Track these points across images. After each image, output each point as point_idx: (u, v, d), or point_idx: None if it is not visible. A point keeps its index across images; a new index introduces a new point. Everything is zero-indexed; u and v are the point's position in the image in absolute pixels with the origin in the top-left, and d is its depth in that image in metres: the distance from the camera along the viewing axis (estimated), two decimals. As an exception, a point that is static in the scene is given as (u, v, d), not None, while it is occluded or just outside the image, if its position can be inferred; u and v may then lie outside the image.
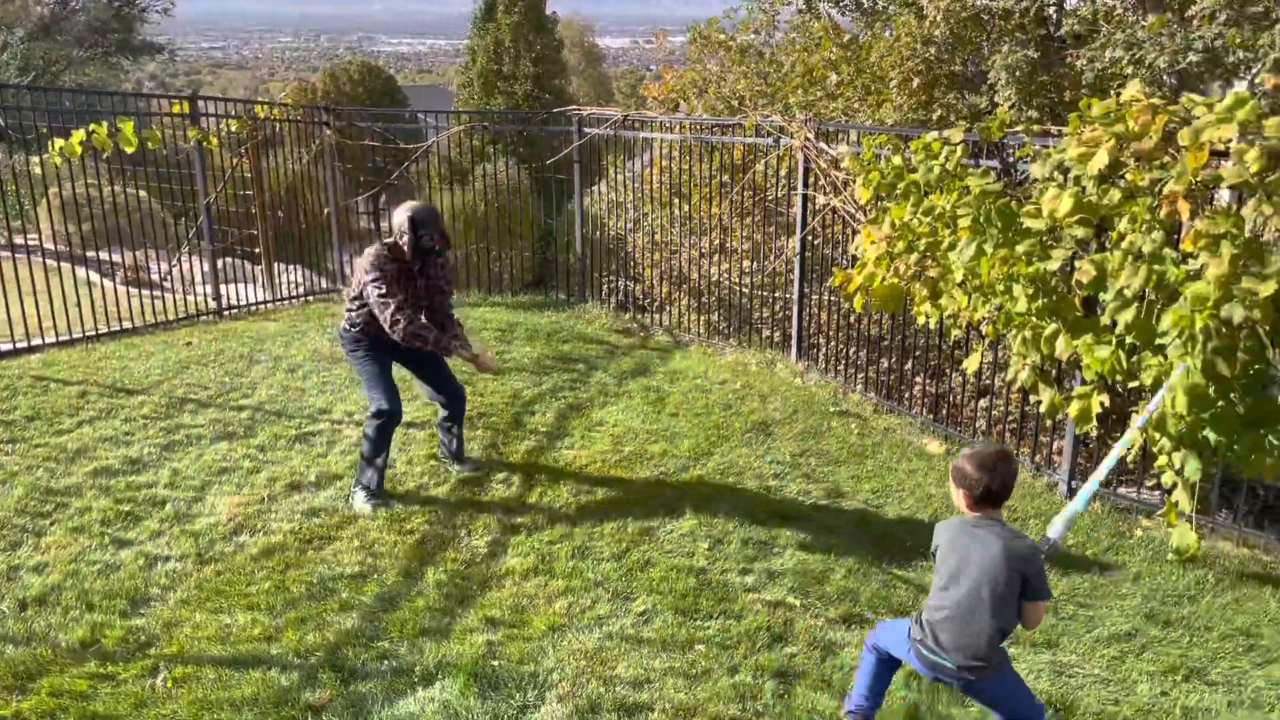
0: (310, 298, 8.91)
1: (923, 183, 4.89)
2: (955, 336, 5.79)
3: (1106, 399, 4.30)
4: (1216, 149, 3.76)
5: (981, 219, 4.41)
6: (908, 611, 3.70)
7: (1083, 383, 4.48)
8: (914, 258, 4.99)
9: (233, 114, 8.51)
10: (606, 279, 8.87)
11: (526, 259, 10.33)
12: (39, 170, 10.34)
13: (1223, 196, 4.25)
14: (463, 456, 5.20)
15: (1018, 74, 7.89)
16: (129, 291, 8.20)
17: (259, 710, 3.25)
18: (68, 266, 8.49)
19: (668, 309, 8.60)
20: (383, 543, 4.42)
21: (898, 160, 5.15)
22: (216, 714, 3.23)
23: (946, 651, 2.88)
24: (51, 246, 10.15)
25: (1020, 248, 4.31)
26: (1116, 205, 3.97)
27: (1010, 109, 7.82)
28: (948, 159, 4.82)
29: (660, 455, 5.44)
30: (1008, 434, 5.93)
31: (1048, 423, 5.37)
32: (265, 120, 8.73)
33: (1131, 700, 3.45)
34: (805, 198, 6.80)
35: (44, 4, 27.02)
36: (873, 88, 9.16)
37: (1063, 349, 4.31)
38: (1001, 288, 4.49)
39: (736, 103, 9.87)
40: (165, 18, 29.77)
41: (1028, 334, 4.46)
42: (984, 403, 6.54)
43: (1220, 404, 3.78)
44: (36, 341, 7.00)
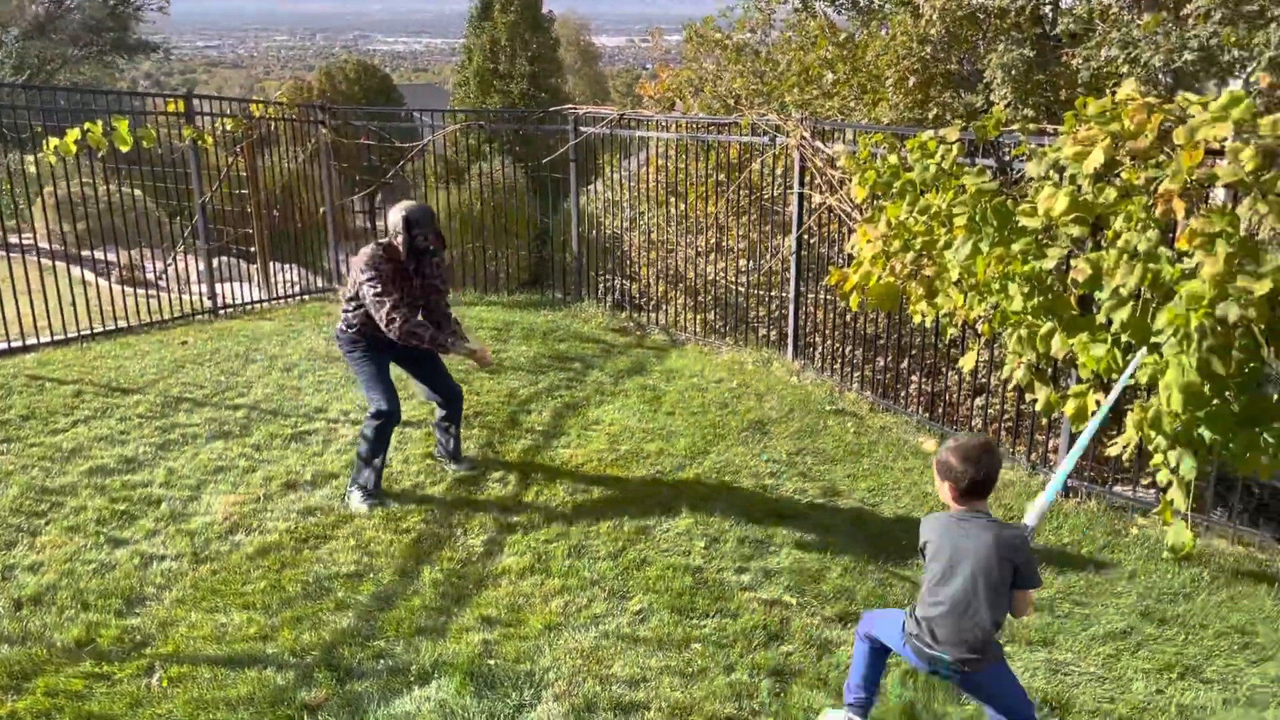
0: (306, 297, 8.90)
1: (919, 181, 4.90)
2: (951, 335, 5.79)
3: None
4: (1212, 148, 3.76)
5: (977, 218, 4.42)
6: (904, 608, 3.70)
7: (1078, 381, 4.49)
8: (910, 256, 5.00)
9: (228, 113, 8.49)
10: (603, 278, 8.86)
11: (523, 258, 10.32)
12: (34, 169, 10.31)
13: (1218, 195, 4.26)
14: (460, 456, 5.20)
15: (1013, 73, 7.91)
16: (124, 290, 8.19)
17: (255, 709, 3.25)
18: (63, 265, 8.50)
19: (664, 308, 8.60)
20: (379, 542, 4.41)
21: (893, 159, 5.15)
22: (212, 713, 3.23)
23: (944, 646, 2.87)
24: (46, 245, 10.14)
25: (1016, 246, 4.32)
26: (1112, 204, 3.98)
27: (1006, 108, 7.83)
28: (943, 158, 4.83)
29: (656, 454, 5.44)
30: (1003, 432, 5.94)
31: (1043, 421, 5.38)
32: (260, 119, 8.72)
33: (1127, 698, 3.46)
34: (801, 196, 6.80)
35: (39, 3, 26.98)
36: (869, 86, 9.17)
37: (1058, 347, 4.32)
38: (997, 286, 4.50)
39: (732, 101, 9.88)
40: (160, 16, 29.74)
41: (1023, 332, 4.47)
42: (980, 401, 6.55)
43: (1215, 402, 3.80)
44: (31, 341, 6.99)
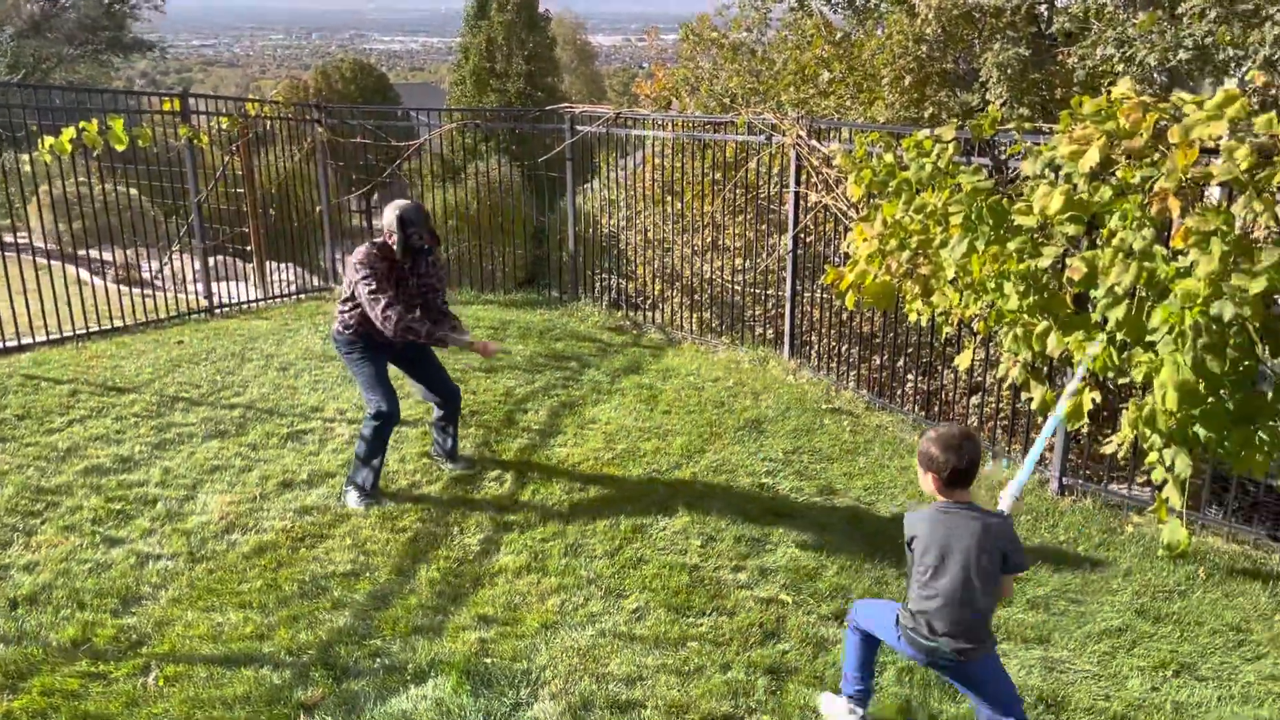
0: (302, 296, 8.89)
1: (914, 180, 4.90)
2: (947, 334, 5.79)
3: (1098, 396, 4.31)
4: (1207, 146, 3.77)
5: (973, 216, 4.42)
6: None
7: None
8: (906, 255, 5.00)
9: (224, 112, 8.48)
10: (599, 277, 8.86)
11: (519, 257, 10.32)
12: (29, 168, 10.30)
13: (1213, 194, 4.26)
14: (456, 455, 5.19)
15: (1009, 72, 7.92)
16: (120, 290, 8.17)
17: (251, 709, 3.25)
18: (58, 265, 8.47)
19: (660, 307, 8.60)
20: (375, 541, 4.41)
21: (889, 158, 5.15)
22: (208, 712, 3.23)
23: (942, 636, 2.89)
24: (42, 245, 10.12)
25: (1011, 245, 4.32)
26: (1107, 203, 3.98)
27: (1002, 106, 7.83)
28: (939, 157, 4.83)
29: (653, 453, 5.44)
30: (999, 431, 5.94)
31: (1039, 419, 5.38)
32: (256, 118, 8.71)
33: (1122, 695, 3.47)
34: (797, 195, 6.80)
35: (34, 1, 26.91)
36: (865, 85, 9.18)
37: (1054, 346, 4.32)
38: (993, 285, 4.50)
39: (729, 100, 9.88)
40: (156, 15, 29.69)
41: (1019, 331, 4.47)
42: (975, 400, 6.56)
43: (1210, 400, 3.80)
44: (27, 340, 6.98)
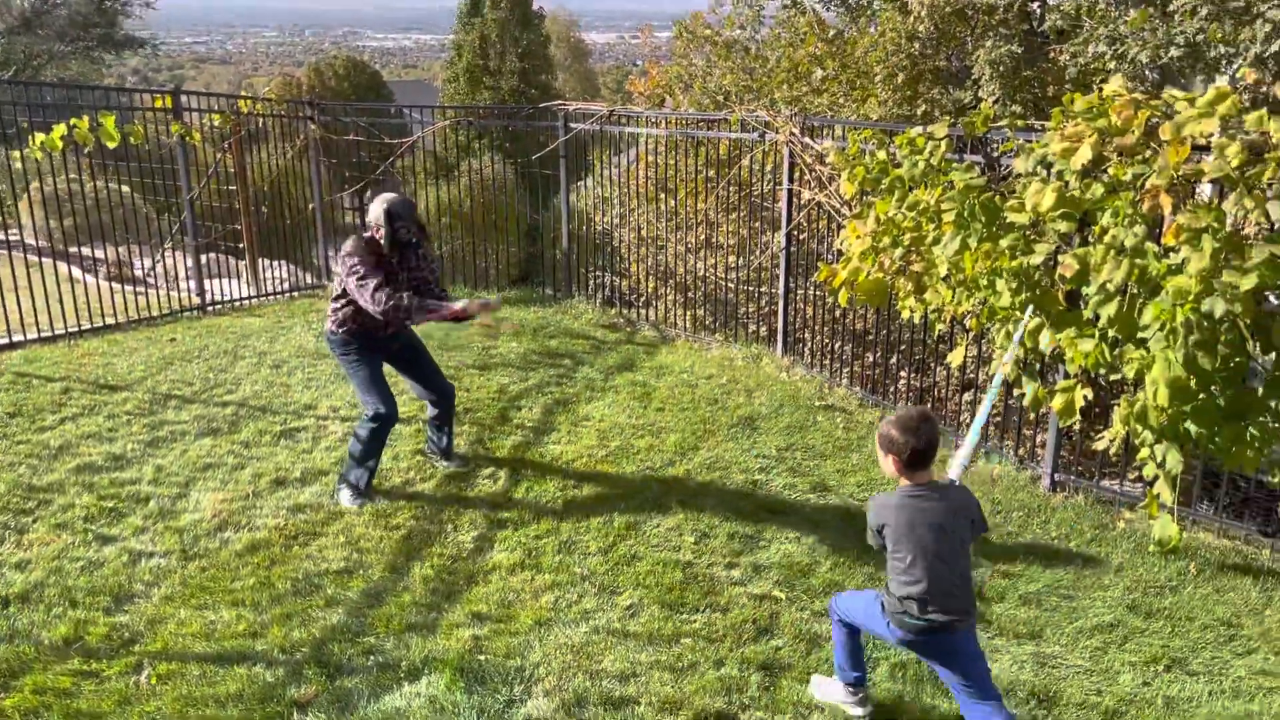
0: (295, 293, 8.87)
1: (907, 178, 4.90)
2: (939, 331, 5.81)
3: (1090, 392, 4.32)
4: (1198, 143, 3.78)
5: (965, 213, 4.43)
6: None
7: (1066, 376, 4.50)
8: (898, 252, 5.01)
9: (216, 109, 8.46)
10: (593, 274, 8.86)
11: (513, 254, 10.30)
12: (20, 165, 10.25)
13: (1204, 191, 4.27)
14: (451, 453, 5.19)
15: (1001, 69, 7.93)
16: (112, 287, 8.15)
17: (244, 706, 3.25)
18: (50, 262, 8.44)
19: (654, 304, 8.60)
20: (368, 538, 4.41)
21: (882, 155, 5.16)
22: (201, 710, 3.23)
23: (935, 611, 2.93)
24: (34, 242, 10.08)
25: (1004, 242, 4.33)
26: (1099, 200, 3.99)
27: (994, 104, 7.85)
28: (932, 154, 4.83)
29: (647, 450, 5.44)
30: (991, 427, 5.96)
31: (1031, 416, 5.40)
32: (249, 115, 8.68)
33: (1114, 690, 3.48)
34: (790, 193, 6.81)
35: (25, -2, 26.77)
36: (858, 83, 9.19)
37: (1046, 343, 4.33)
38: (985, 282, 4.51)
39: (722, 98, 9.89)
40: (148, 11, 29.54)
41: (1011, 328, 4.48)
42: (968, 396, 6.57)
43: (1201, 397, 3.81)
44: (19, 338, 6.96)
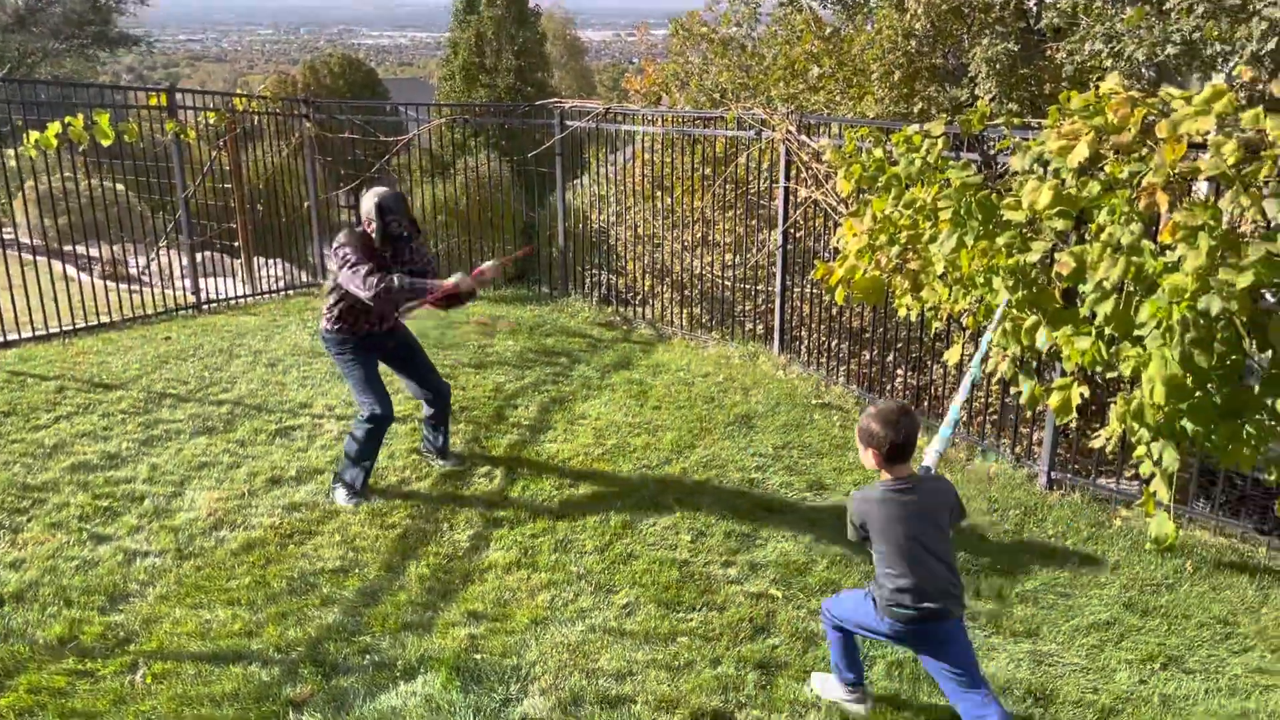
0: (290, 291, 8.85)
1: (904, 175, 4.90)
2: (936, 329, 5.81)
3: (1086, 390, 4.32)
4: (1194, 141, 3.78)
5: (962, 211, 4.43)
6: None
7: (1062, 374, 4.50)
8: (895, 250, 5.01)
9: (211, 107, 8.43)
10: (589, 272, 8.85)
11: (509, 252, 10.27)
12: (15, 163, 10.22)
13: (1200, 188, 4.27)
14: (447, 452, 5.18)
15: (998, 67, 7.93)
16: (107, 286, 8.13)
17: (239, 706, 3.24)
18: (44, 260, 8.42)
19: (650, 302, 8.59)
20: (364, 537, 4.40)
21: (879, 153, 5.15)
22: (196, 710, 3.22)
23: (929, 599, 2.95)
24: (28, 240, 10.06)
25: (1000, 240, 4.33)
26: (1096, 197, 3.99)
27: (991, 102, 7.85)
28: (928, 152, 4.83)
29: (643, 448, 5.44)
30: (988, 425, 5.96)
31: (1028, 414, 5.40)
32: (244, 113, 8.66)
33: (1110, 688, 3.48)
34: (787, 190, 6.80)
35: (19, -5, 26.69)
36: (854, 80, 9.18)
37: (1043, 341, 4.33)
38: (982, 280, 4.50)
39: (719, 95, 9.89)
40: (142, 9, 29.47)
41: (1008, 326, 4.48)
42: (965, 394, 6.57)
43: (1198, 395, 3.81)
44: (13, 336, 6.94)
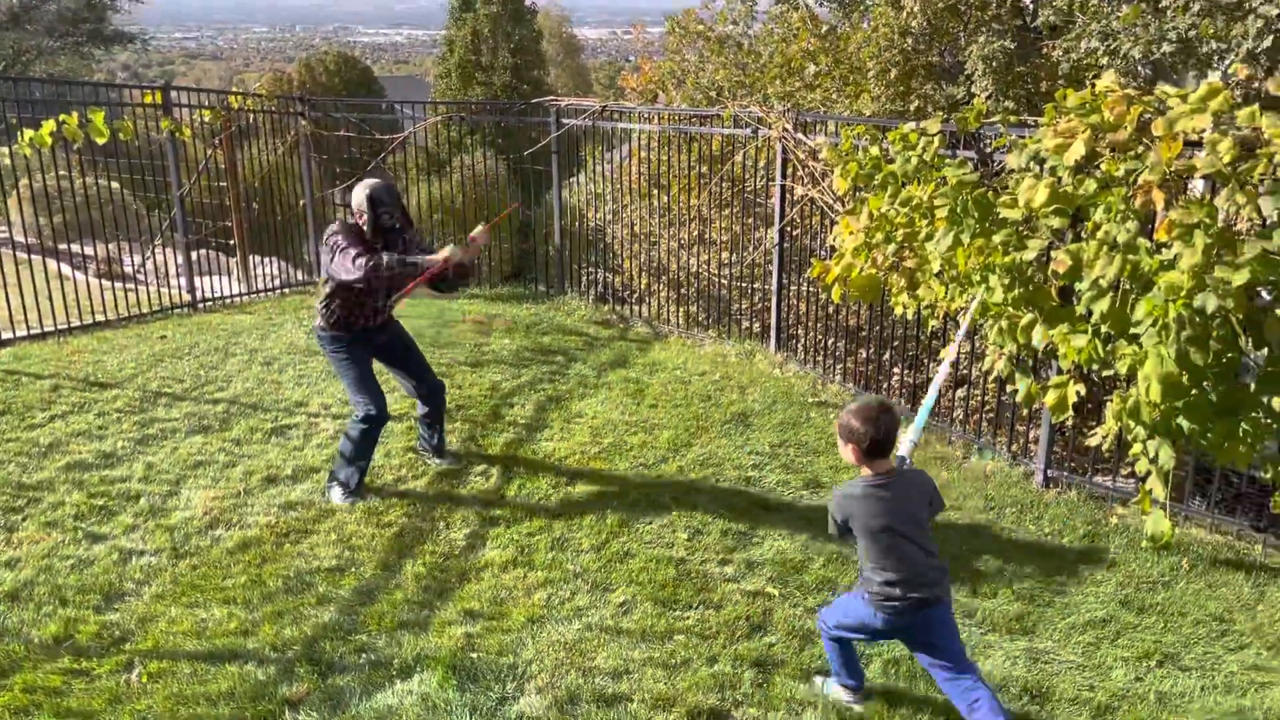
0: (286, 290, 8.84)
1: (900, 173, 4.89)
2: (933, 327, 5.80)
3: (1082, 388, 4.32)
4: (1190, 139, 3.78)
5: (958, 209, 4.42)
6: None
7: (1059, 372, 4.51)
8: (891, 248, 5.00)
9: (206, 105, 8.42)
10: (586, 270, 8.84)
11: (505, 250, 10.27)
12: (9, 162, 10.19)
13: (1196, 186, 4.28)
14: (443, 450, 5.17)
15: (994, 65, 7.92)
16: (102, 284, 8.11)
17: (235, 704, 3.23)
18: (39, 259, 8.40)
19: (647, 300, 8.59)
20: (360, 536, 4.39)
21: (875, 151, 5.15)
22: (192, 708, 3.21)
23: (919, 590, 3.01)
24: (22, 239, 10.03)
25: (997, 238, 4.33)
26: (1092, 195, 3.99)
27: (987, 99, 7.84)
28: (925, 150, 4.82)
29: (639, 447, 5.43)
30: (984, 423, 5.96)
31: (1024, 412, 5.40)
32: (239, 111, 8.64)
33: (1106, 686, 3.48)
34: (783, 189, 6.80)
35: (13, -7, 26.62)
36: (850, 78, 9.17)
37: (1039, 339, 4.33)
38: (978, 278, 4.50)
39: (715, 93, 9.88)
40: (137, 7, 29.41)
41: (1004, 324, 4.48)
42: (961, 392, 6.57)
43: (1194, 392, 3.81)
44: (7, 335, 6.92)
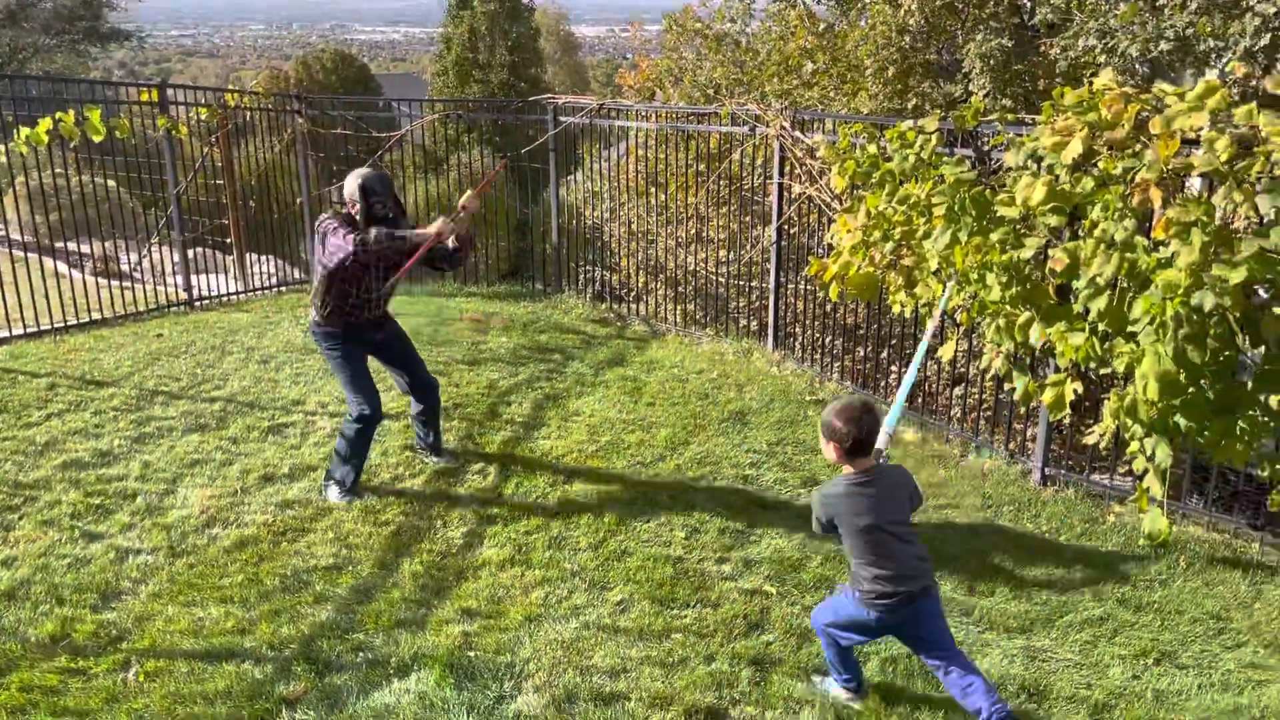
0: (283, 288, 8.83)
1: (898, 171, 4.89)
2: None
3: (1080, 386, 4.32)
4: (1188, 137, 3.78)
5: (956, 207, 4.42)
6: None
7: (1056, 370, 4.51)
8: (889, 246, 5.00)
9: (203, 102, 8.40)
10: (583, 269, 8.83)
11: (502, 249, 10.27)
12: (5, 160, 10.17)
13: (1194, 184, 4.28)
14: (439, 448, 5.17)
15: (992, 63, 7.92)
16: (98, 282, 8.09)
17: (232, 703, 3.23)
18: (35, 257, 8.38)
19: (644, 299, 8.58)
20: (357, 534, 4.39)
21: (873, 149, 5.15)
22: (189, 707, 3.21)
23: (909, 582, 3.06)
24: (19, 237, 10.01)
25: (994, 236, 4.33)
26: (1089, 193, 3.98)
27: (984, 97, 7.85)
28: (922, 148, 4.82)
29: (637, 445, 5.43)
30: (982, 421, 5.96)
31: (1021, 410, 5.41)
32: (236, 109, 8.62)
33: (1104, 684, 3.49)
34: (781, 186, 6.80)
35: (9, -10, 26.55)
36: (848, 76, 9.18)
37: (1036, 337, 4.33)
38: (975, 276, 4.50)
39: (712, 91, 9.87)
40: (134, 4, 29.35)
41: (1001, 322, 4.48)
42: (959, 390, 6.57)
43: (1191, 390, 3.82)
44: (4, 334, 6.91)
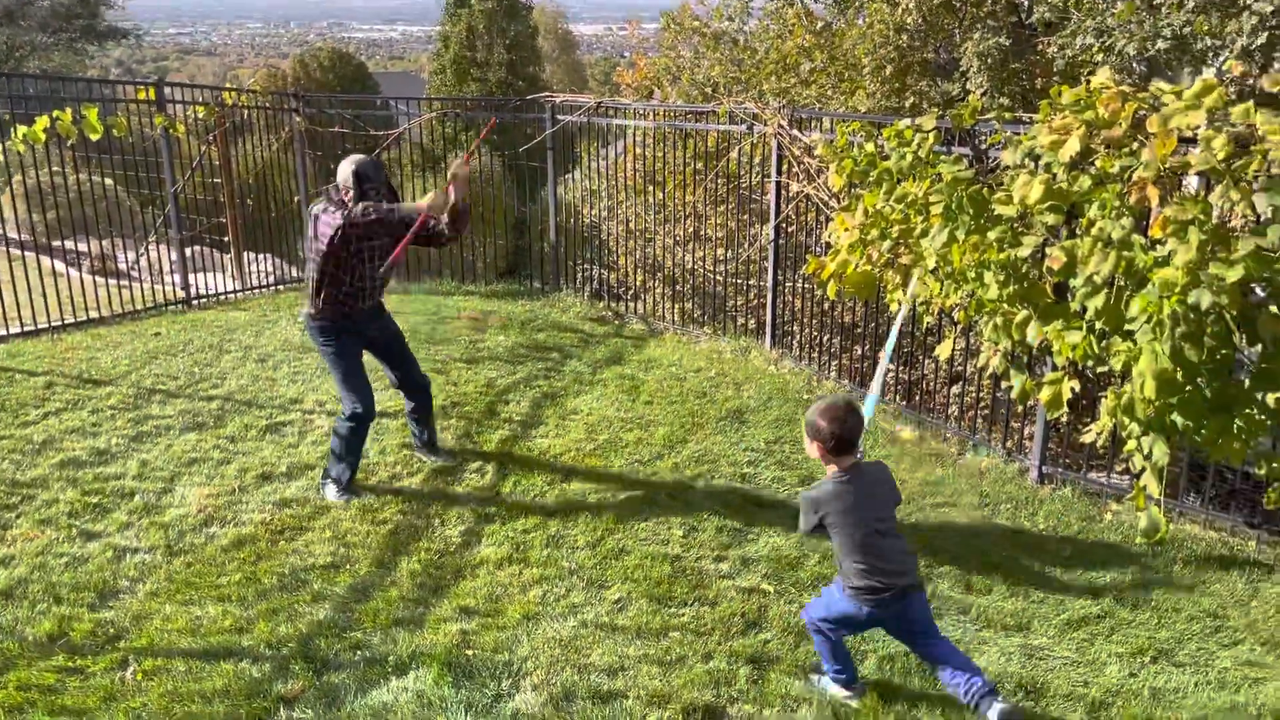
0: (280, 287, 8.82)
1: (895, 170, 4.90)
2: (927, 323, 5.81)
3: (1077, 384, 4.33)
4: (1185, 135, 3.78)
5: (953, 206, 4.42)
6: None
7: (1053, 368, 4.51)
8: (887, 245, 5.00)
9: (200, 101, 8.39)
10: (581, 267, 8.83)
11: (500, 247, 10.27)
12: (2, 158, 10.14)
13: (1191, 183, 4.28)
14: (436, 447, 5.17)
15: (989, 61, 7.93)
16: (96, 281, 8.09)
17: (230, 702, 3.23)
18: (32, 256, 8.37)
19: (642, 297, 8.58)
20: (355, 533, 4.39)
21: (870, 147, 5.15)
22: (187, 706, 3.21)
23: (899, 577, 3.11)
24: (16, 235, 9.99)
25: (992, 234, 4.33)
26: (1087, 192, 3.99)
27: (982, 96, 7.86)
28: (920, 146, 4.83)
29: (635, 443, 5.43)
30: (979, 419, 5.97)
31: (1019, 408, 5.41)
32: (233, 107, 8.62)
33: (1101, 681, 3.49)
34: (779, 185, 6.80)
35: (6, -12, 26.51)
36: (846, 75, 9.18)
37: (1034, 335, 4.34)
38: (973, 274, 4.50)
39: (710, 90, 9.87)
40: (131, 2, 29.31)
41: (999, 320, 4.48)
42: (956, 389, 6.58)
43: (1188, 389, 3.82)
44: (1, 332, 6.90)
